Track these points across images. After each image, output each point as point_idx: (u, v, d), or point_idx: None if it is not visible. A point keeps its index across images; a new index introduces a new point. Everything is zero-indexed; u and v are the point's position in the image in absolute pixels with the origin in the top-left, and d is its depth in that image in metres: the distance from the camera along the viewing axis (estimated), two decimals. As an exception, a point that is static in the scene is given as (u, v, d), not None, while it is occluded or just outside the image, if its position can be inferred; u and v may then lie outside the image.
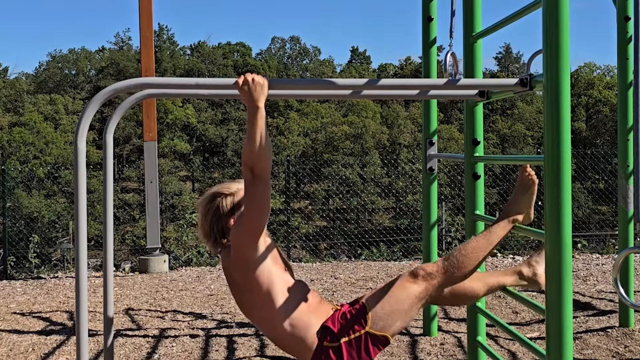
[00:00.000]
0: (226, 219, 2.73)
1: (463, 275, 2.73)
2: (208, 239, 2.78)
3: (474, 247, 2.75)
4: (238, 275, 2.66)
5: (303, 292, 2.71)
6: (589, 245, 10.54)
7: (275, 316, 2.63)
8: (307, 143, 48.83)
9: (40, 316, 5.76)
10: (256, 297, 2.63)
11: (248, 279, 2.62)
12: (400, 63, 65.62)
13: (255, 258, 2.60)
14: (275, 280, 2.63)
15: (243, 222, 2.59)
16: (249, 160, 2.49)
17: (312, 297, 2.73)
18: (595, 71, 58.30)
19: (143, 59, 8.22)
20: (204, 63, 58.42)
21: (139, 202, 32.33)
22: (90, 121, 2.42)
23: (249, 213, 2.56)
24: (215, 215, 2.74)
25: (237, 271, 2.65)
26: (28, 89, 54.57)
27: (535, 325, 5.05)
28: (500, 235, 2.84)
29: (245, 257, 2.61)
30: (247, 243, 2.59)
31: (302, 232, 18.48)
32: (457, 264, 2.71)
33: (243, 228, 2.58)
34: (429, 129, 4.58)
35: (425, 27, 4.57)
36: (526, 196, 2.93)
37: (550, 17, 2.29)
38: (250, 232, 2.57)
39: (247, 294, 2.67)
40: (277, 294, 2.62)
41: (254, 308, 2.68)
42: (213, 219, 2.75)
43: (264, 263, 2.62)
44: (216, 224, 2.75)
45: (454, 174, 19.02)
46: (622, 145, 4.56)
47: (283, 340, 2.68)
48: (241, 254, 2.61)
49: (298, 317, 2.63)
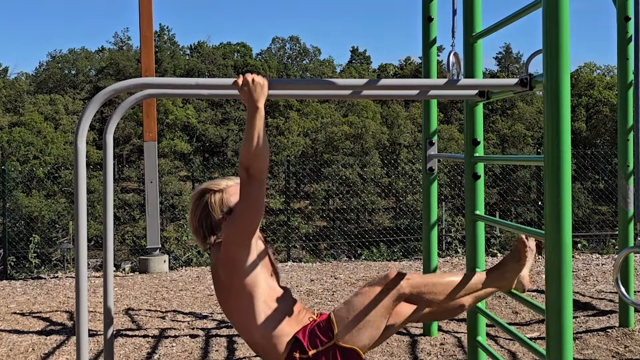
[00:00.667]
0: (215, 215, 2.73)
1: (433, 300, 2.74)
2: (197, 235, 2.78)
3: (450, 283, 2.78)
4: (224, 274, 2.64)
5: (285, 300, 2.69)
6: (589, 245, 10.54)
7: (253, 320, 2.61)
8: (307, 143, 48.82)
9: (40, 316, 5.76)
10: (238, 298, 2.62)
11: (233, 279, 2.61)
12: (400, 63, 65.64)
13: (244, 259, 2.59)
14: (259, 284, 2.62)
15: (236, 221, 2.58)
16: (245, 160, 2.49)
17: (293, 306, 2.70)
18: (596, 71, 58.33)
19: (143, 59, 8.22)
20: (204, 63, 58.43)
21: (139, 202, 32.31)
22: (90, 121, 2.42)
23: (243, 213, 2.55)
24: (205, 212, 2.74)
25: (223, 269, 2.64)
26: (28, 89, 54.57)
27: (535, 325, 5.05)
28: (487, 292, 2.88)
29: (234, 256, 2.59)
30: (238, 242, 2.58)
31: (302, 232, 18.48)
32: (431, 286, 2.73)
33: (235, 227, 2.57)
34: (429, 129, 4.58)
35: (425, 27, 4.57)
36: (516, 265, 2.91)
37: (550, 17, 2.29)
38: (243, 231, 2.56)
39: (230, 295, 2.65)
40: (259, 299, 2.61)
41: (234, 309, 2.66)
42: (202, 215, 2.75)
43: (251, 266, 2.60)
44: (205, 220, 2.75)
45: (454, 174, 19.02)
46: (622, 146, 4.56)
47: (257, 345, 2.66)
48: (230, 253, 2.60)
49: (274, 325, 2.61)
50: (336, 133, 47.74)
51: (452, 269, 7.68)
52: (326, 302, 6.10)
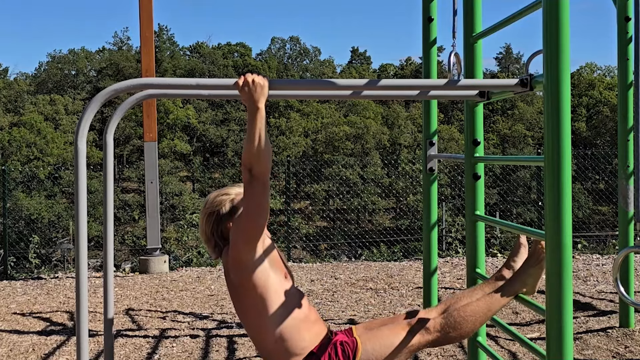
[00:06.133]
0: (226, 223, 2.71)
1: (459, 336, 2.71)
2: (209, 243, 2.76)
3: (474, 311, 2.71)
4: (235, 276, 2.62)
5: (300, 305, 2.65)
6: (589, 246, 10.53)
7: (265, 323, 2.58)
8: (308, 143, 48.84)
9: (41, 316, 5.76)
10: (250, 299, 2.59)
11: (244, 280, 2.58)
12: (400, 63, 65.69)
13: (253, 260, 2.56)
14: (271, 285, 2.58)
15: (241, 223, 2.56)
16: (247, 161, 2.48)
17: (308, 313, 2.67)
18: (596, 72, 58.35)
19: (143, 59, 8.22)
20: (204, 63, 58.45)
21: (139, 203, 32.33)
22: (90, 121, 2.42)
23: (247, 214, 2.53)
24: (216, 220, 2.71)
25: (233, 271, 2.62)
26: (28, 89, 54.60)
27: (535, 326, 5.05)
28: (501, 304, 2.79)
29: (242, 258, 2.57)
30: (243, 243, 2.55)
31: (302, 233, 18.47)
32: (454, 324, 2.68)
33: (241, 229, 2.55)
34: (429, 130, 4.57)
35: (425, 28, 4.57)
36: (535, 269, 2.85)
37: (550, 17, 2.28)
38: (248, 233, 2.54)
39: (242, 297, 2.62)
40: (272, 301, 2.57)
41: (247, 311, 2.63)
42: (214, 224, 2.72)
43: (261, 266, 2.58)
44: (216, 228, 2.72)
45: (455, 175, 19.02)
46: (623, 146, 4.56)
47: (268, 351, 2.62)
48: (237, 255, 2.58)
49: (289, 330, 2.58)
50: (337, 133, 47.76)
51: (452, 269, 7.68)
52: (326, 303, 6.10)
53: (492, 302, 2.76)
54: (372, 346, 2.63)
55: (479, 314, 2.71)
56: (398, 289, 6.64)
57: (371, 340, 2.64)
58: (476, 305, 2.73)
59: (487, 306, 2.74)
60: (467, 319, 2.70)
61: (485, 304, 2.74)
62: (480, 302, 2.74)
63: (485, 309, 2.73)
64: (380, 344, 2.63)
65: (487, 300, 2.75)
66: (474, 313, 2.71)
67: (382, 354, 2.63)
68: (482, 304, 2.74)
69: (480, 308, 2.72)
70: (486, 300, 2.75)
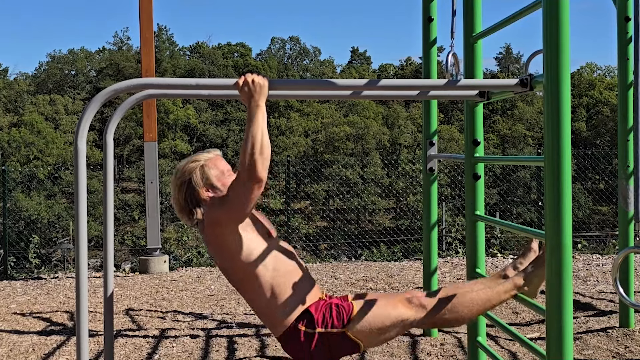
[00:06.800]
0: (199, 189, 2.72)
1: (454, 319, 2.72)
2: (183, 212, 2.77)
3: (473, 299, 2.73)
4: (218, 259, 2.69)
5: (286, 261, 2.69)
6: (589, 246, 10.53)
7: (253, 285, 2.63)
8: (308, 143, 48.84)
9: (41, 316, 5.76)
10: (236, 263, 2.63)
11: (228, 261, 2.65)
12: (400, 63, 65.70)
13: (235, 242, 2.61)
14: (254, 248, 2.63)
15: (223, 209, 2.59)
16: (247, 161, 2.49)
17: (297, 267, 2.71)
18: (596, 72, 58.36)
19: (143, 60, 8.21)
20: (204, 63, 58.45)
21: (139, 203, 32.31)
22: (90, 122, 2.42)
23: (230, 209, 2.57)
24: (188, 188, 2.73)
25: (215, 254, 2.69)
26: (28, 89, 54.60)
27: (535, 326, 5.05)
28: (501, 299, 2.80)
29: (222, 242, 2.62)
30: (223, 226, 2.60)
31: (302, 233, 18.45)
32: (452, 307, 2.70)
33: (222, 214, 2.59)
34: (429, 130, 4.58)
35: (425, 28, 4.57)
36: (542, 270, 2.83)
37: (550, 17, 2.29)
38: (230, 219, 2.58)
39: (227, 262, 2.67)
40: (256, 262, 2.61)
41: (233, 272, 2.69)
42: (187, 192, 2.74)
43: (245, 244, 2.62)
44: (190, 195, 2.74)
45: (455, 175, 19.01)
46: (623, 146, 4.56)
47: (264, 314, 2.68)
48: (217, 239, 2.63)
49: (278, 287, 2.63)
50: (337, 133, 47.76)
51: (452, 269, 7.68)
52: (326, 303, 6.10)
53: (493, 295, 2.78)
54: (365, 313, 2.65)
55: (477, 303, 2.73)
56: (398, 289, 6.64)
57: (367, 310, 2.66)
58: (476, 295, 2.75)
59: (487, 297, 2.76)
60: (465, 304, 2.72)
61: (485, 295, 2.76)
62: (481, 293, 2.76)
63: (485, 299, 2.75)
64: (375, 312, 2.65)
65: (488, 292, 2.78)
66: (472, 300, 2.73)
67: (377, 322, 2.64)
68: (482, 294, 2.76)
69: (480, 297, 2.75)
70: (487, 292, 2.78)
